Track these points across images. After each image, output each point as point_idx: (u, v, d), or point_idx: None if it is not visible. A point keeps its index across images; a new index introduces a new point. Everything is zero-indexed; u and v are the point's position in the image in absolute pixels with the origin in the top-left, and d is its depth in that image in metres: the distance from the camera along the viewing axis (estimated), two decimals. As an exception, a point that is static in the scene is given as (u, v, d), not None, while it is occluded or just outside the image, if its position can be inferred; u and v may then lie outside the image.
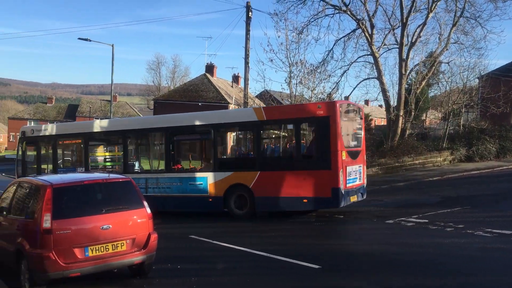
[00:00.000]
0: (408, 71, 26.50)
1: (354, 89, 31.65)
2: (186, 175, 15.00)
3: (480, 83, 29.80)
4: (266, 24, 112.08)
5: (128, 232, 7.81)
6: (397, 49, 26.57)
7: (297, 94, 24.54)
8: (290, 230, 12.42)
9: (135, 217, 7.99)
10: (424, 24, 25.83)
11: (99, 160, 18.60)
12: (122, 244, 7.69)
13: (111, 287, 7.89)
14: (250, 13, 24.46)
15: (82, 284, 7.81)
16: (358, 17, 26.05)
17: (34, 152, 18.97)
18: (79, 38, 30.72)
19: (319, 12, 25.97)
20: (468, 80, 28.18)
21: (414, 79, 27.78)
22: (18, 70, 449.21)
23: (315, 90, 24.83)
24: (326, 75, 26.16)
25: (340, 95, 28.37)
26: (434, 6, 25.46)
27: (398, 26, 26.27)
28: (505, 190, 17.04)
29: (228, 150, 15.81)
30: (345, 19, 51.48)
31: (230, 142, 15.45)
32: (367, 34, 25.84)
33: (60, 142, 18.38)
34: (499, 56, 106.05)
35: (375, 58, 25.98)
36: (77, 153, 18.66)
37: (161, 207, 13.56)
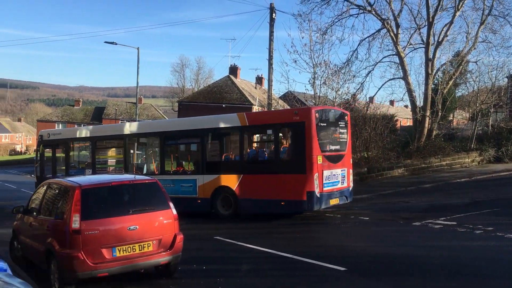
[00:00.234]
0: (434, 71, 26.09)
1: (379, 89, 31.76)
2: (178, 177, 15.82)
3: (509, 82, 29.14)
4: (289, 25, 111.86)
5: (154, 233, 7.89)
6: (423, 48, 26.20)
7: (321, 95, 24.43)
8: (315, 232, 12.36)
9: (161, 218, 8.08)
10: (451, 23, 25.41)
11: (105, 162, 19.69)
12: (149, 244, 7.78)
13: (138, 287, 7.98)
14: (273, 14, 24.44)
15: (109, 284, 7.93)
16: (383, 16, 25.79)
17: (50, 154, 20.27)
18: (106, 42, 31.49)
19: (343, 12, 25.86)
20: (496, 79, 27.64)
21: (440, 79, 27.33)
22: (46, 73, 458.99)
23: (339, 91, 24.72)
24: (350, 76, 26.02)
25: (364, 96, 28.20)
26: (461, 4, 25.01)
27: (424, 25, 25.91)
28: (536, 192, 16.59)
29: (215, 154, 16.31)
30: (369, 19, 51.17)
31: (217, 146, 15.98)
32: (392, 34, 25.54)
33: (71, 145, 19.63)
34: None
35: (401, 58, 25.66)
36: (86, 155, 19.90)
37: None
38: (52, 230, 7.92)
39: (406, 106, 50.91)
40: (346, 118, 14.96)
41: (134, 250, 7.64)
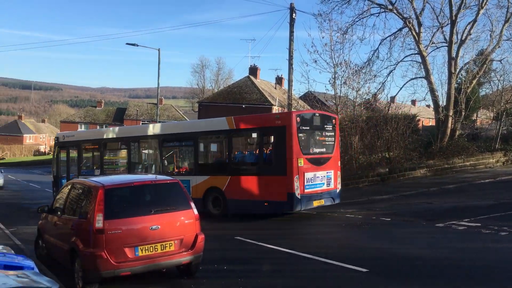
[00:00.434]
0: (457, 70, 25.65)
1: (401, 89, 31.09)
2: None
3: (535, 81, 28.41)
4: (310, 25, 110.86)
5: (176, 232, 7.94)
6: (446, 47, 25.77)
7: (341, 95, 24.28)
8: (336, 233, 12.27)
9: (183, 218, 8.12)
10: (474, 21, 24.94)
11: (111, 163, 20.66)
12: (171, 244, 7.83)
13: (160, 287, 8.03)
14: (294, 14, 24.38)
15: (132, 283, 8.01)
16: (405, 15, 25.46)
17: (65, 155, 21.45)
18: (127, 43, 31.70)
19: (364, 11, 25.60)
20: (522, 78, 26.99)
21: (464, 78, 26.85)
22: (69, 75, 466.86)
23: (360, 90, 24.54)
24: (371, 75, 25.73)
25: (386, 96, 27.87)
26: (485, 2, 24.53)
27: (447, 24, 25.49)
28: None
29: (206, 156, 17.12)
30: (391, 18, 50.65)
31: (208, 149, 16.84)
32: (414, 33, 25.20)
33: (83, 147, 20.70)
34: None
35: (423, 57, 25.30)
36: (95, 156, 20.77)
37: None
38: (76, 230, 8.03)
39: (428, 106, 50.21)
40: (334, 121, 15.36)
41: (156, 249, 7.70)
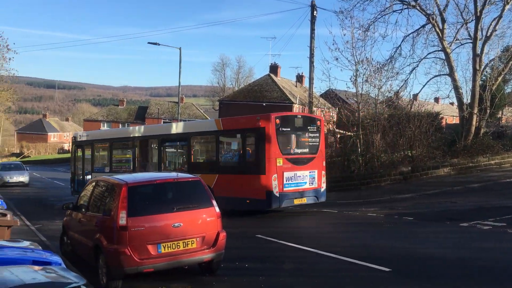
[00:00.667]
0: (482, 67, 25.11)
1: (424, 86, 30.56)
2: None
3: None
4: (331, 22, 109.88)
5: (198, 230, 7.99)
6: (470, 44, 25.27)
7: (363, 92, 24.06)
8: (358, 232, 12.16)
9: (205, 215, 8.16)
10: (499, 17, 24.38)
11: (119, 161, 21.81)
12: (193, 241, 7.89)
13: (182, 284, 8.10)
14: (315, 12, 24.26)
15: (154, 280, 8.09)
16: (428, 11, 25.04)
17: (80, 153, 23.28)
18: (149, 43, 32.66)
19: (387, 8, 25.22)
20: (549, 75, 26.33)
21: (489, 75, 26.29)
22: (92, 74, 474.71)
23: (382, 88, 24.29)
24: (393, 73, 25.39)
25: (408, 93, 27.48)
26: (511, -3, 23.97)
27: (472, 20, 24.98)
28: None
29: (198, 155, 18.17)
30: (414, 15, 49.57)
31: (199, 148, 18.02)
32: (438, 29, 24.79)
33: (95, 146, 22.42)
34: None
35: (447, 54, 24.87)
36: (105, 154, 22.32)
37: None
38: (100, 226, 8.14)
39: (452, 104, 49.39)
40: (318, 123, 15.97)
41: (178, 247, 7.76)
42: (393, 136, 23.43)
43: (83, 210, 9.19)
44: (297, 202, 14.90)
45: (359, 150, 23.58)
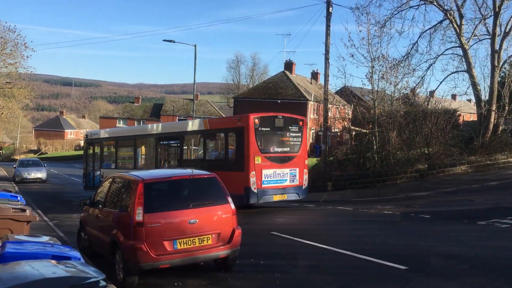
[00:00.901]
0: (501, 63, 24.73)
1: (441, 83, 30.20)
2: None
3: None
4: (346, 18, 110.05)
5: (213, 227, 8.02)
6: (488, 40, 24.91)
7: (379, 89, 23.87)
8: (373, 230, 12.10)
9: (220, 212, 8.19)
10: (519, 12, 24.00)
11: (123, 158, 22.95)
12: (208, 238, 7.91)
13: (197, 280, 8.13)
14: (330, 8, 24.11)
15: (170, 276, 8.14)
16: (446, 7, 24.74)
17: (91, 151, 24.45)
18: (164, 40, 32.12)
19: (403, 4, 24.98)
20: None
21: (508, 71, 25.89)
22: (108, 72, 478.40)
23: (398, 85, 24.09)
24: (410, 70, 25.16)
25: (425, 90, 27.20)
26: (530, -8, 23.55)
27: (490, 16, 24.60)
28: None
29: (187, 152, 18.94)
30: (431, 10, 49.21)
31: (189, 146, 18.83)
32: (455, 25, 24.47)
33: (103, 144, 23.83)
34: None
35: (464, 50, 24.55)
36: (112, 152, 23.48)
37: None
38: (116, 222, 8.22)
39: (469, 100, 48.75)
40: (301, 123, 16.52)
41: (194, 243, 7.80)
42: (409, 133, 23.24)
43: (100, 206, 9.28)
44: (276, 198, 15.45)
45: (375, 147, 23.42)
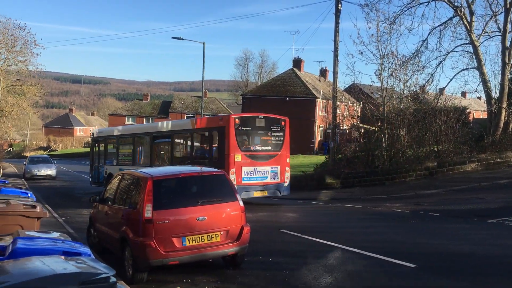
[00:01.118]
0: (512, 60, 24.50)
1: (451, 80, 29.76)
2: None
3: None
4: (356, 15, 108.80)
5: (222, 224, 8.03)
6: (499, 36, 24.67)
7: (388, 87, 23.75)
8: (383, 227, 12.05)
9: (229, 209, 8.19)
10: (530, 8, 23.71)
11: (124, 155, 23.30)
12: (217, 235, 7.93)
13: (206, 277, 8.15)
14: (339, 5, 24.03)
15: (179, 272, 8.17)
16: (456, 4, 24.54)
17: (97, 148, 25.21)
18: (173, 37, 32.22)
19: (413, 0, 24.82)
20: None
21: (518, 69, 25.62)
22: (117, 69, 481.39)
23: (407, 82, 23.95)
24: (419, 67, 24.98)
25: (435, 87, 27.00)
26: (542, -12, 23.25)
27: (501, 12, 24.37)
28: None
29: (178, 150, 19.81)
30: (441, 7, 48.88)
31: (179, 144, 19.76)
32: (466, 22, 24.26)
33: (107, 142, 24.57)
34: None
35: (475, 47, 24.34)
36: (114, 149, 24.04)
37: None
38: (126, 219, 8.25)
39: (479, 98, 48.43)
40: (283, 123, 17.02)
41: (203, 240, 7.82)
42: (418, 131, 23.09)
43: (109, 203, 9.33)
44: (257, 194, 16.11)
45: (384, 145, 23.32)
